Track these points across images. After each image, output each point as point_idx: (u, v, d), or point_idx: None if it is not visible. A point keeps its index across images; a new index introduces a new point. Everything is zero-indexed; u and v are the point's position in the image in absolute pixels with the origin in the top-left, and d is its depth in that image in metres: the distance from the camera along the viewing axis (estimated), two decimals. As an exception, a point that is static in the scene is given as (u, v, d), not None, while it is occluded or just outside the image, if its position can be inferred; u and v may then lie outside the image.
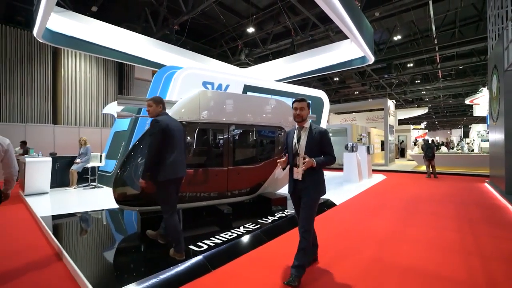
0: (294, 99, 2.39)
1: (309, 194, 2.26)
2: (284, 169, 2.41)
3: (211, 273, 2.46)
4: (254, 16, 10.63)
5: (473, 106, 18.38)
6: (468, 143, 18.51)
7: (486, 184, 7.25)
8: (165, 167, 2.55)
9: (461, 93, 20.50)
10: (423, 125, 32.69)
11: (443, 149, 14.86)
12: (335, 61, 9.80)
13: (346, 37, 11.55)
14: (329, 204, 5.19)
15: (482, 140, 16.42)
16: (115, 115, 8.83)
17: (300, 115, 2.35)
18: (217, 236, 3.23)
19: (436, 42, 11.86)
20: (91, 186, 7.02)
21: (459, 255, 2.86)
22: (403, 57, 13.74)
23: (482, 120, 21.92)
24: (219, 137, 4.21)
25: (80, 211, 4.63)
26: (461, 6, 9.92)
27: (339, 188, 7.04)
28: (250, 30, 11.26)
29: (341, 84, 18.96)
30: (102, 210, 4.71)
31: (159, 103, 2.72)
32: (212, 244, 2.97)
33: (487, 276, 2.38)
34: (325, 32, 10.83)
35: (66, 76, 11.05)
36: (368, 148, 9.05)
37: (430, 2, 9.34)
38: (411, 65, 15.28)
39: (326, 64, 10.07)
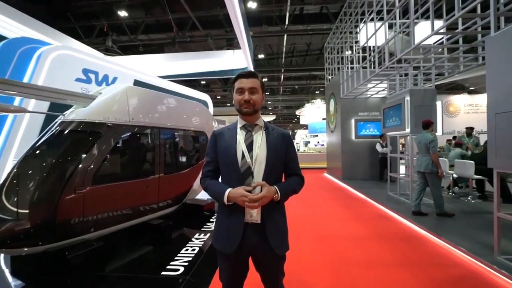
0: (238, 74, 1.32)
1: (275, 250, 1.28)
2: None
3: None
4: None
5: (300, 116, 25.07)
6: (297, 143, 25.06)
7: (326, 174, 10.35)
8: None
9: (292, 105, 27.24)
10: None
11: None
12: (218, 68, 10.38)
13: (221, 46, 12.52)
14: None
15: (303, 142, 22.78)
16: None
17: (250, 102, 1.28)
18: (179, 255, 2.89)
19: (283, 65, 15.35)
20: None
21: (350, 220, 4.28)
22: (261, 71, 16.59)
23: (302, 126, 30.16)
24: (150, 142, 3.63)
25: None
26: (300, 43, 13.59)
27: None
28: (121, 13, 9.65)
29: (205, 88, 19.95)
30: None
31: None
32: (186, 264, 2.67)
33: (369, 225, 3.94)
34: (204, 36, 11.19)
35: None
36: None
37: (285, 35, 11.97)
38: (266, 79, 18.63)
39: (209, 69, 10.47)
